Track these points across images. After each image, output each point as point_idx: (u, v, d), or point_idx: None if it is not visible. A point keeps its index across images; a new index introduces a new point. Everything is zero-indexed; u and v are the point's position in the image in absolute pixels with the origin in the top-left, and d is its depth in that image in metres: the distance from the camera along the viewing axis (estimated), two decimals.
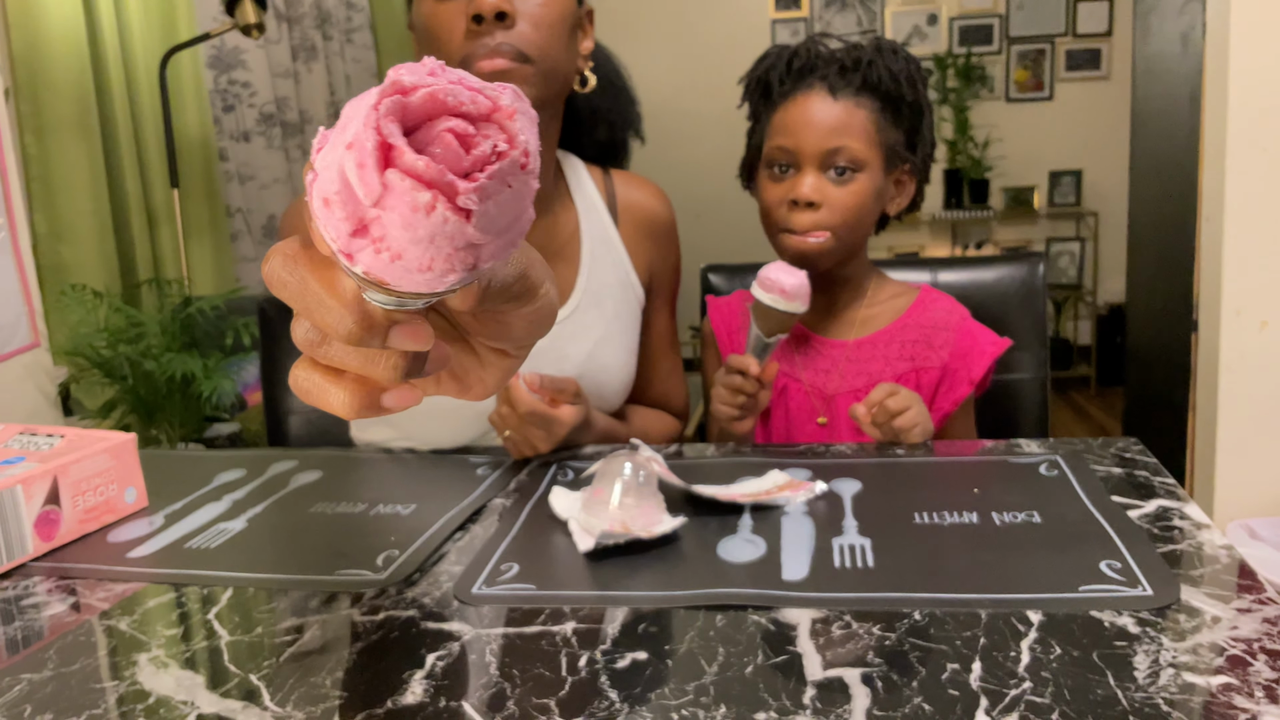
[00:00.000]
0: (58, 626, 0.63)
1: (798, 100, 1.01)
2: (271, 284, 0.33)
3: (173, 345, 1.77)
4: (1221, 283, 1.65)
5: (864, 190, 1.00)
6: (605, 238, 1.00)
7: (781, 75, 1.04)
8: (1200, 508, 0.71)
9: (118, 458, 0.81)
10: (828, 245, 1.00)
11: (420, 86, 0.28)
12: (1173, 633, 0.54)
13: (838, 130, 0.99)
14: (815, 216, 0.99)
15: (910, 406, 0.92)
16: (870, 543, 0.68)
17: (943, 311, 1.07)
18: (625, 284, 1.01)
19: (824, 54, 1.03)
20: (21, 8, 2.03)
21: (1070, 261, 4.29)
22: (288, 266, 0.33)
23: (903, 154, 1.03)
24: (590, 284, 0.97)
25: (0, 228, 1.55)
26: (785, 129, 1.02)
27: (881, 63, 1.00)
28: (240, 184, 2.85)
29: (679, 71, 4.44)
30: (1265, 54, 1.58)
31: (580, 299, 0.96)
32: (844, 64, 1.01)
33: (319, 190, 0.29)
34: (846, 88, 1.00)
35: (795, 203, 0.99)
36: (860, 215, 1.01)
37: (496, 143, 0.29)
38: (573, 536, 0.71)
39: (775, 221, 1.02)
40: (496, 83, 0.30)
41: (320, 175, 0.29)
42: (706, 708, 0.49)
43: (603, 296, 0.97)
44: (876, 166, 1.01)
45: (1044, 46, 4.27)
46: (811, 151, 0.99)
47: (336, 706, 0.51)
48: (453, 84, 0.29)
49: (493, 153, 0.29)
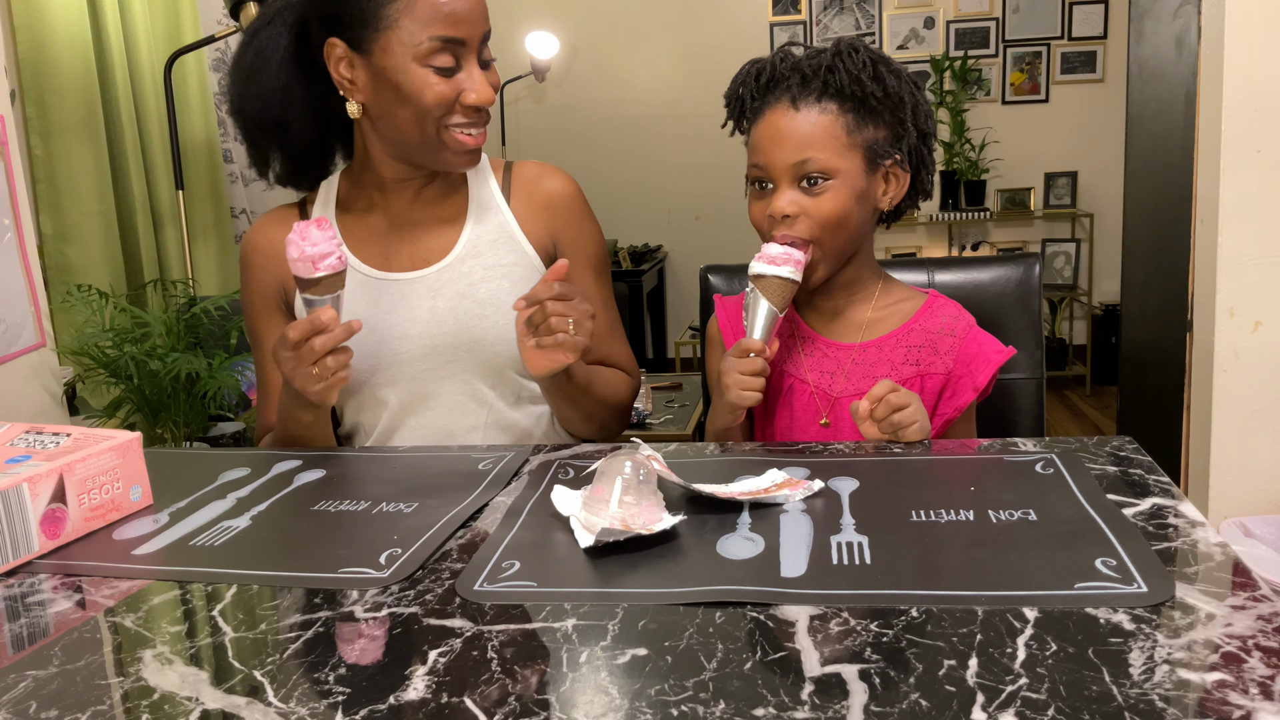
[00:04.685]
0: (63, 623, 0.64)
1: (766, 116, 1.03)
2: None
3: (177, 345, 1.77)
4: (1215, 283, 1.66)
5: (840, 196, 1.00)
6: (491, 206, 1.15)
7: (752, 91, 1.05)
8: (1194, 506, 0.72)
9: (123, 456, 0.81)
10: (814, 257, 1.02)
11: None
12: (1167, 629, 0.54)
13: (803, 143, 0.99)
14: (795, 229, 1.01)
15: (909, 404, 0.92)
16: (868, 540, 0.69)
17: (949, 318, 1.07)
18: (509, 242, 1.13)
19: (789, 65, 1.03)
20: (27, 11, 2.04)
21: (1065, 262, 4.30)
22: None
23: (885, 149, 1.02)
24: (470, 239, 1.13)
25: (7, 229, 1.56)
26: (757, 146, 1.03)
27: (841, 66, 1.00)
28: (244, 186, 2.85)
29: (678, 74, 4.44)
30: (1259, 57, 1.59)
31: (460, 250, 1.12)
32: (805, 73, 1.01)
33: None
34: (809, 96, 1.00)
35: (774, 217, 1.01)
36: (841, 221, 1.01)
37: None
38: (574, 534, 0.72)
39: (764, 235, 1.05)
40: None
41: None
42: (706, 704, 0.50)
43: (481, 249, 1.12)
44: (854, 170, 1.01)
45: (1040, 49, 4.28)
46: (781, 167, 1.00)
47: (339, 703, 0.52)
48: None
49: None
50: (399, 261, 1.12)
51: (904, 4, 4.32)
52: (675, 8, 4.43)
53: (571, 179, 1.18)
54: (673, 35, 4.44)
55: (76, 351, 1.72)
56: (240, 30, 2.13)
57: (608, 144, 4.44)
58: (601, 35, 4.47)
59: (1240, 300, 1.64)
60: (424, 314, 1.09)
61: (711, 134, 4.12)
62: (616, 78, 4.45)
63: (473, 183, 1.16)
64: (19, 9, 2.03)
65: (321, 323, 0.93)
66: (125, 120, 2.28)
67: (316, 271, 0.93)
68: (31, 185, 2.07)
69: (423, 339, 1.09)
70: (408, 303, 1.10)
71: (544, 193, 1.15)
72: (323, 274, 0.94)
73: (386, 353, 1.09)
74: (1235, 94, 1.59)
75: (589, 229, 1.18)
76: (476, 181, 1.16)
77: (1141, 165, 2.36)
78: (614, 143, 4.41)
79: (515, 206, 1.15)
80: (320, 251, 0.93)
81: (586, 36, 4.52)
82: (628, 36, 4.46)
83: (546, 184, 1.16)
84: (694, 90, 4.38)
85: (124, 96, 2.28)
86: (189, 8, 2.56)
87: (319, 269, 0.93)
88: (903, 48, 4.35)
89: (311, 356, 0.94)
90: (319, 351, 0.94)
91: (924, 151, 1.05)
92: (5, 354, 1.55)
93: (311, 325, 0.94)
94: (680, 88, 4.41)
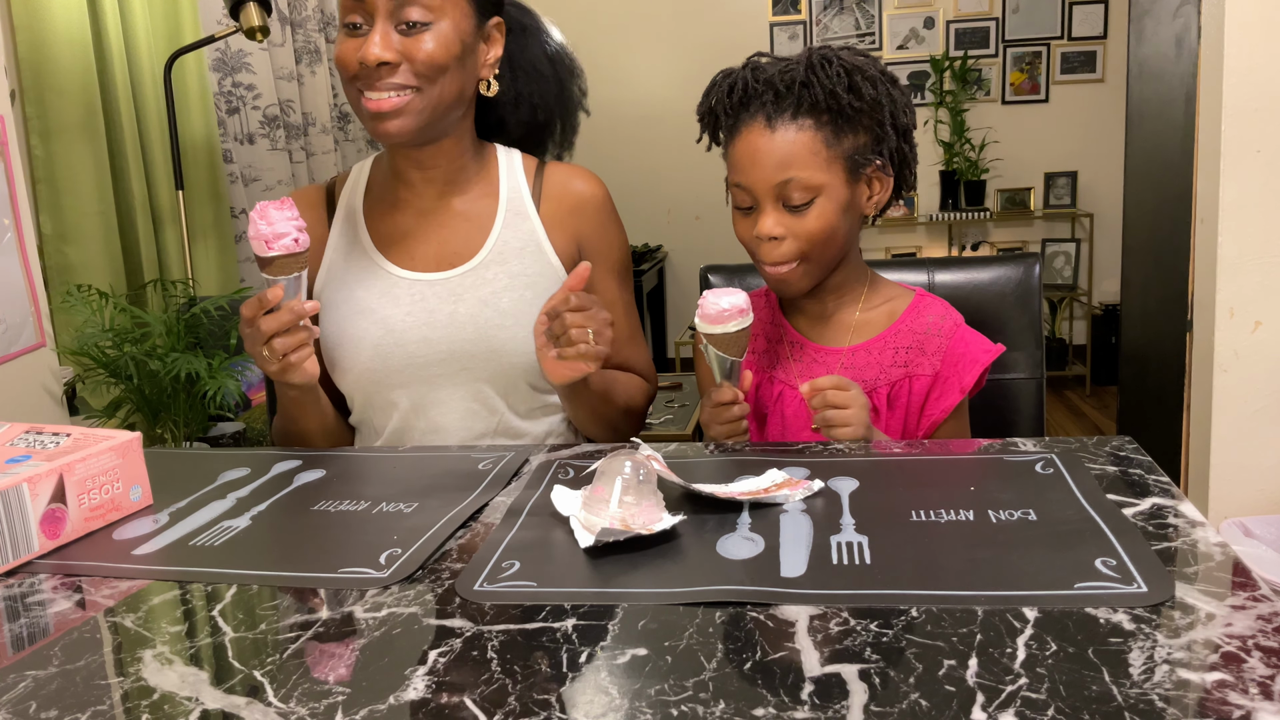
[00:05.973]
0: (63, 623, 0.64)
1: (742, 135, 1.01)
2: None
3: (178, 345, 1.77)
4: (1215, 283, 1.66)
5: (826, 212, 0.99)
6: (521, 211, 1.12)
7: (725, 107, 1.03)
8: (1194, 506, 0.72)
9: (123, 456, 0.81)
10: (800, 270, 1.01)
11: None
12: (1167, 629, 0.54)
13: (783, 164, 0.98)
14: (782, 249, 1.00)
15: (849, 407, 0.92)
16: (867, 540, 0.69)
17: (936, 317, 1.06)
18: (536, 252, 1.11)
19: (761, 80, 1.00)
20: (27, 11, 2.04)
21: (1065, 262, 4.30)
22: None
23: (866, 156, 1.01)
24: (497, 244, 1.11)
25: (7, 229, 1.56)
26: (736, 166, 1.02)
27: (816, 80, 0.97)
28: (244, 185, 2.85)
29: (678, 74, 4.44)
30: (1259, 57, 1.59)
31: (486, 255, 1.10)
32: (778, 89, 0.99)
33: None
34: (784, 114, 0.98)
35: (760, 238, 1.00)
36: (828, 235, 1.00)
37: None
38: (574, 534, 0.72)
39: (751, 253, 1.04)
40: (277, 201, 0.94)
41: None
42: (705, 703, 0.50)
43: (507, 256, 1.10)
44: (837, 182, 0.99)
45: (1040, 49, 4.28)
46: (763, 188, 0.99)
47: (339, 703, 0.52)
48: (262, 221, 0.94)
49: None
50: (423, 260, 1.11)
51: (904, 4, 4.31)
52: (675, 8, 4.42)
53: (600, 182, 1.16)
54: (673, 35, 4.44)
55: (76, 351, 1.72)
56: (240, 30, 2.12)
57: (607, 144, 4.43)
58: (601, 35, 4.47)
59: (1240, 300, 1.64)
60: (444, 318, 1.08)
61: None
62: (616, 78, 4.45)
63: (504, 182, 1.13)
64: (19, 9, 2.03)
65: (266, 301, 0.94)
66: (125, 120, 2.28)
67: (269, 251, 0.94)
68: (31, 185, 2.07)
69: (442, 344, 1.08)
70: (428, 305, 1.09)
71: (573, 196, 1.14)
72: (275, 254, 0.94)
73: (403, 354, 1.08)
74: (1235, 94, 1.59)
75: (614, 234, 1.17)
76: (508, 182, 1.14)
77: (1141, 165, 2.36)
78: (614, 143, 4.41)
79: (544, 212, 1.13)
80: (276, 231, 0.94)
81: (586, 36, 4.50)
82: (627, 36, 4.46)
83: (575, 187, 1.14)
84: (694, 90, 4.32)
85: (124, 96, 2.28)
86: (189, 8, 2.56)
87: (272, 248, 0.94)
88: (903, 48, 4.35)
89: (260, 337, 0.94)
90: (265, 332, 0.94)
91: (905, 149, 1.03)
92: (5, 354, 1.55)
93: (259, 303, 0.94)
94: (680, 88, 4.40)
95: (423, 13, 0.99)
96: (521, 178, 1.14)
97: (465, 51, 1.03)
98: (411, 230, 1.12)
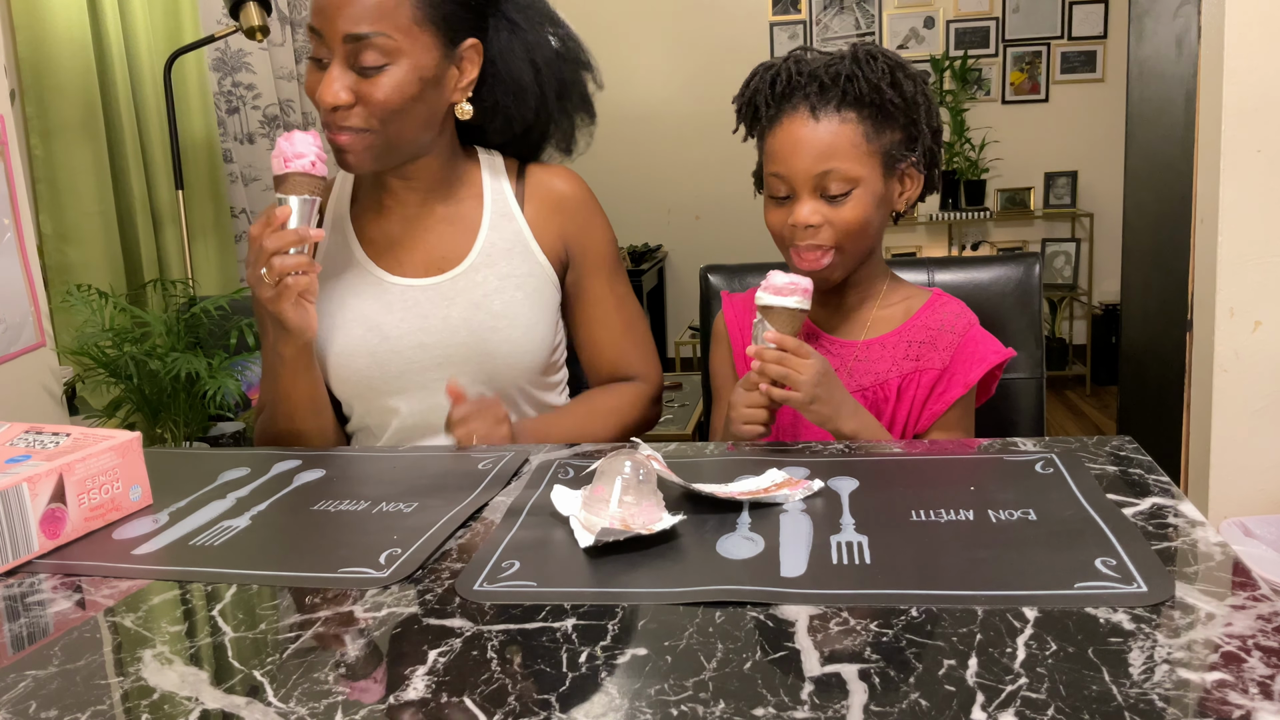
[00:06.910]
0: (63, 623, 0.64)
1: (783, 125, 1.02)
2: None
3: (177, 345, 1.77)
4: (1215, 283, 1.66)
5: (863, 204, 1.01)
6: (506, 213, 1.13)
7: (766, 98, 1.04)
8: (1194, 505, 0.72)
9: (123, 456, 0.81)
10: (834, 260, 1.02)
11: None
12: (1167, 629, 0.54)
13: (825, 154, 0.99)
14: (818, 238, 1.01)
15: (801, 374, 0.92)
16: (867, 540, 0.69)
17: (951, 315, 1.08)
18: (524, 252, 1.12)
19: (804, 72, 1.02)
20: (27, 10, 2.04)
21: (1066, 262, 4.30)
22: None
23: (901, 153, 1.03)
24: (485, 246, 1.11)
25: (6, 229, 1.56)
26: (775, 156, 1.03)
27: (860, 74, 0.99)
28: (244, 185, 2.85)
29: (678, 74, 4.45)
30: (1259, 56, 1.59)
31: (475, 258, 1.11)
32: (823, 81, 1.01)
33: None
34: (828, 106, 1.00)
35: (796, 226, 1.01)
36: (863, 227, 1.02)
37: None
38: (573, 534, 0.72)
39: (783, 241, 1.05)
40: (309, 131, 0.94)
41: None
42: (705, 703, 0.50)
43: (496, 258, 1.11)
44: (874, 176, 1.01)
45: (1040, 49, 4.28)
46: (803, 178, 1.00)
47: (339, 703, 0.52)
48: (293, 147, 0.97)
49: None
50: (412, 266, 1.11)
51: (904, 4, 4.32)
52: (675, 8, 4.42)
53: (579, 180, 1.17)
54: (673, 35, 4.44)
55: (76, 351, 1.72)
56: (240, 30, 2.12)
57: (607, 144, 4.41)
58: (601, 35, 4.44)
59: (1240, 300, 1.64)
60: (438, 323, 1.08)
61: (711, 134, 4.13)
62: (616, 78, 4.42)
63: (487, 185, 1.14)
64: (19, 9, 2.03)
65: (274, 219, 0.94)
66: (125, 120, 2.28)
67: (285, 168, 0.95)
68: (31, 185, 2.07)
69: (437, 349, 1.08)
70: (421, 310, 1.09)
71: (554, 196, 1.14)
72: (290, 170, 0.95)
73: (400, 361, 1.08)
74: (1235, 94, 1.59)
75: (598, 230, 1.17)
76: (491, 185, 1.14)
77: (1141, 165, 2.36)
78: (614, 143, 4.40)
79: (529, 213, 1.13)
80: (296, 151, 0.95)
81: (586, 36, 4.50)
82: (627, 36, 4.46)
83: (556, 186, 1.15)
84: (694, 90, 4.38)
85: (124, 96, 2.28)
86: (189, 8, 2.56)
87: (288, 165, 0.95)
88: (903, 47, 4.34)
89: (262, 255, 0.94)
90: (267, 250, 0.93)
91: (935, 150, 1.06)
92: (5, 354, 1.55)
93: (266, 220, 0.94)
94: (680, 88, 4.41)
95: (377, 56, 0.97)
96: (505, 180, 1.15)
97: (427, 87, 1.02)
98: (399, 236, 1.12)
